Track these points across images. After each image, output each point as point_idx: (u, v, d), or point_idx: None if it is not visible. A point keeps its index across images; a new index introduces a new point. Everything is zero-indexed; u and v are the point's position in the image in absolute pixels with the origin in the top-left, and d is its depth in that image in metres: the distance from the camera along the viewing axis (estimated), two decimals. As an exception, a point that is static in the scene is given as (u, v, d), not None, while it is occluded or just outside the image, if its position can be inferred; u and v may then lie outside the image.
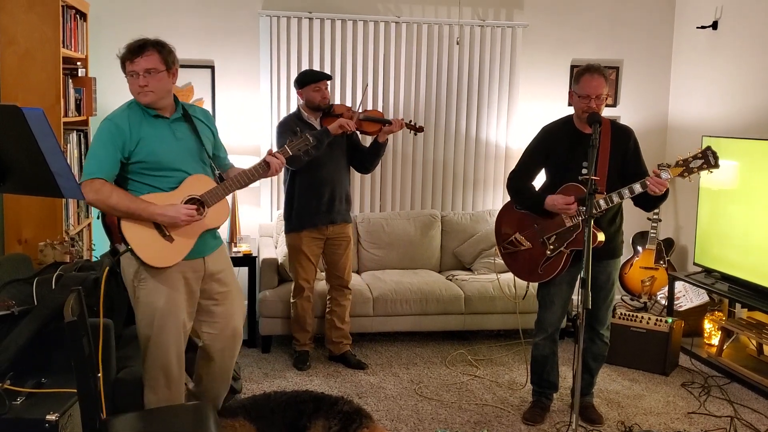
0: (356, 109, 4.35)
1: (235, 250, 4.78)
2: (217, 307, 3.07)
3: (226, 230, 5.02)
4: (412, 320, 4.74)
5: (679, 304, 4.92)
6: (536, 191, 3.57)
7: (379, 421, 3.55)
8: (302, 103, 4.30)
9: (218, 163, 3.15)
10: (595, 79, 3.33)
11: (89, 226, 4.65)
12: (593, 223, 3.19)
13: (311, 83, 4.19)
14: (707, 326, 4.81)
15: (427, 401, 3.94)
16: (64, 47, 3.92)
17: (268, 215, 5.28)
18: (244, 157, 4.81)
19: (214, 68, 5.13)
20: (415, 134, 4.40)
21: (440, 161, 5.49)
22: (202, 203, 2.89)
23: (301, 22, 5.13)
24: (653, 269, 5.34)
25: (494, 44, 5.42)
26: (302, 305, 4.38)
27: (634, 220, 5.06)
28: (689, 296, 4.95)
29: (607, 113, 3.50)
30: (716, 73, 5.23)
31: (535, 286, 3.73)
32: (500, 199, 5.58)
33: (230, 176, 3.04)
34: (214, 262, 3.04)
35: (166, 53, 2.85)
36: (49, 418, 2.50)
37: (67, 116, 4.01)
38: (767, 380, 4.11)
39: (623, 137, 3.48)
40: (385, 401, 3.93)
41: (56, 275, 3.12)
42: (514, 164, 3.77)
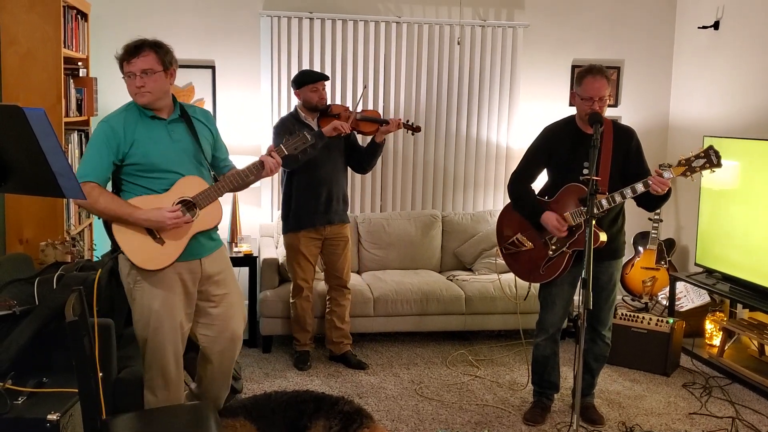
0: (354, 109, 4.35)
1: (235, 250, 4.78)
2: (214, 309, 3.06)
3: (226, 230, 5.02)
4: (412, 320, 4.73)
5: (680, 304, 4.92)
6: (536, 201, 3.55)
7: (379, 421, 3.55)
8: (299, 103, 4.29)
9: (219, 164, 3.13)
10: (597, 80, 3.32)
11: (90, 226, 4.65)
12: (595, 223, 3.19)
13: (308, 84, 4.19)
14: (708, 327, 4.81)
15: (427, 401, 3.94)
16: (65, 47, 3.93)
17: (268, 215, 5.28)
18: (244, 157, 4.80)
19: (214, 68, 5.14)
20: (412, 134, 4.40)
21: (441, 161, 5.50)
22: (194, 205, 2.87)
23: (301, 22, 5.13)
24: (654, 270, 5.34)
25: (495, 44, 5.42)
26: (301, 305, 4.38)
27: (635, 220, 5.06)
28: (690, 297, 4.95)
29: (608, 113, 3.50)
30: (717, 73, 5.23)
31: (536, 286, 3.73)
32: (501, 199, 5.58)
33: (224, 177, 3.00)
34: (211, 263, 3.03)
35: (163, 53, 2.84)
36: (50, 417, 2.50)
37: (68, 116, 4.02)
38: (768, 381, 4.11)
39: (625, 137, 3.48)
40: (385, 401, 3.93)
41: (57, 275, 3.12)
42: (514, 164, 3.76)
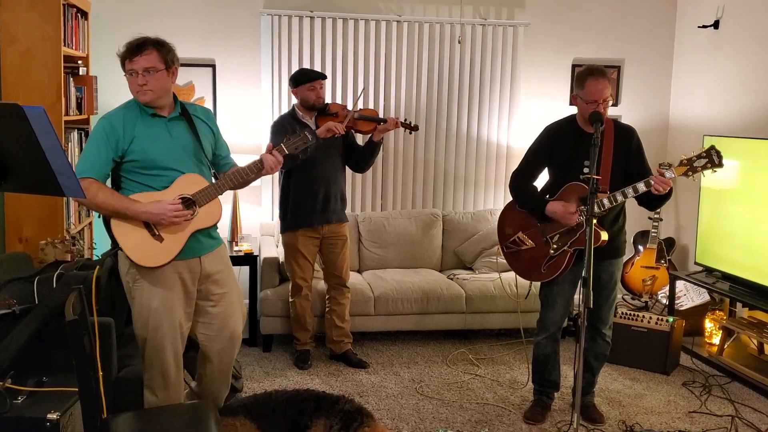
0: (352, 108, 4.35)
1: (236, 249, 4.78)
2: (213, 308, 3.06)
3: (227, 229, 5.02)
4: (413, 319, 4.73)
5: (680, 303, 4.92)
6: (538, 195, 3.56)
7: (380, 420, 3.55)
8: (297, 102, 4.29)
9: (220, 162, 3.14)
10: (600, 82, 3.31)
11: (90, 224, 4.65)
12: (597, 222, 3.19)
13: (306, 82, 4.18)
14: (708, 325, 4.81)
15: (428, 400, 3.94)
16: (65, 46, 3.92)
17: (269, 214, 5.28)
18: (244, 155, 4.80)
19: (215, 67, 5.13)
20: (410, 133, 4.39)
21: (441, 160, 5.49)
22: (193, 202, 2.88)
23: (302, 20, 5.13)
24: (654, 268, 5.34)
25: (495, 43, 5.42)
26: (301, 304, 4.38)
27: (635, 219, 5.05)
28: (690, 295, 4.95)
29: (608, 113, 3.49)
30: (718, 72, 5.22)
31: (536, 285, 3.73)
32: (501, 198, 5.58)
33: (225, 175, 3.00)
34: (210, 262, 3.03)
35: (165, 52, 2.85)
36: (50, 416, 2.50)
37: (68, 115, 4.02)
38: (768, 380, 4.12)
39: (626, 136, 3.48)
40: (386, 400, 3.93)
41: (57, 274, 3.11)
42: (515, 163, 3.76)
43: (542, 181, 3.67)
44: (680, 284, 4.94)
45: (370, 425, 3.09)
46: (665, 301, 5.03)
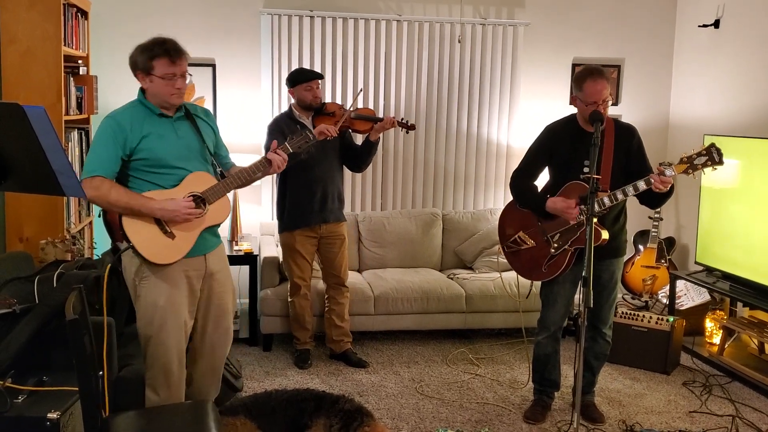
0: (348, 107, 4.34)
1: (236, 248, 4.78)
2: (212, 305, 3.09)
3: (227, 228, 5.01)
4: (413, 319, 4.73)
5: (680, 303, 4.91)
6: (538, 193, 3.56)
7: (380, 419, 3.55)
8: (294, 102, 4.29)
9: (219, 161, 3.15)
10: (598, 83, 3.31)
11: (90, 224, 4.65)
12: (597, 221, 3.18)
13: (303, 82, 4.17)
14: (708, 325, 4.81)
15: (428, 400, 3.94)
16: (65, 45, 3.92)
17: (269, 213, 5.28)
18: (244, 155, 4.80)
19: (215, 66, 5.13)
20: (407, 132, 4.38)
21: (441, 160, 5.49)
22: (203, 200, 2.90)
23: (302, 20, 5.12)
24: (654, 268, 5.34)
25: (495, 43, 5.42)
26: (300, 304, 4.38)
27: (635, 218, 5.06)
28: (690, 295, 4.95)
29: (609, 112, 3.49)
30: (718, 71, 5.22)
31: (537, 284, 3.73)
32: (501, 197, 5.58)
33: (231, 174, 3.04)
34: (214, 260, 3.06)
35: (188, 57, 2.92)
36: (50, 416, 2.50)
37: (68, 114, 4.01)
38: (769, 379, 4.11)
39: (626, 135, 3.48)
40: (386, 400, 3.93)
41: (57, 273, 3.12)
42: (515, 163, 3.76)
43: (543, 180, 3.67)
44: (680, 284, 4.94)
45: (370, 425, 3.09)
46: (665, 300, 5.03)
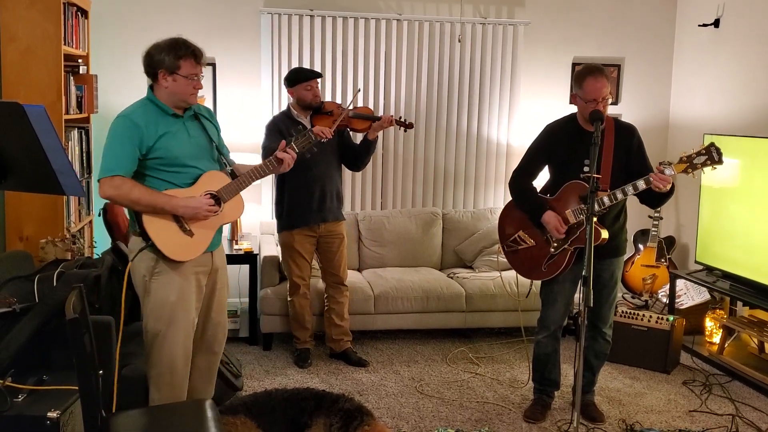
0: (346, 106, 4.34)
1: (236, 247, 4.78)
2: (212, 300, 3.13)
3: (227, 228, 5.01)
4: (413, 318, 4.73)
5: (680, 302, 4.91)
6: (537, 199, 3.55)
7: (380, 418, 3.55)
8: (293, 101, 4.28)
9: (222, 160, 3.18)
10: (598, 81, 3.32)
11: (90, 223, 4.65)
12: (597, 220, 3.18)
13: (302, 82, 4.17)
14: (708, 324, 4.81)
15: (428, 399, 3.94)
16: (65, 44, 3.92)
17: (269, 213, 5.28)
18: (245, 154, 4.81)
19: (215, 65, 5.13)
20: (405, 130, 4.38)
21: (441, 159, 5.49)
22: (218, 199, 2.96)
23: (302, 19, 5.12)
24: (654, 267, 5.34)
25: (495, 42, 5.42)
26: (299, 303, 4.38)
27: (635, 218, 5.05)
28: (690, 294, 4.95)
29: (609, 111, 3.49)
30: (718, 70, 5.22)
31: (537, 283, 3.73)
32: (501, 196, 5.58)
33: (242, 172, 3.09)
34: (218, 257, 3.13)
35: None
36: (50, 415, 2.50)
37: (68, 113, 4.01)
38: (768, 378, 4.12)
39: (626, 134, 3.48)
40: (386, 399, 3.93)
41: (57, 272, 3.12)
42: (515, 162, 3.76)
43: (543, 179, 3.67)
44: (680, 283, 4.94)
45: (370, 424, 3.09)
46: (665, 299, 5.03)
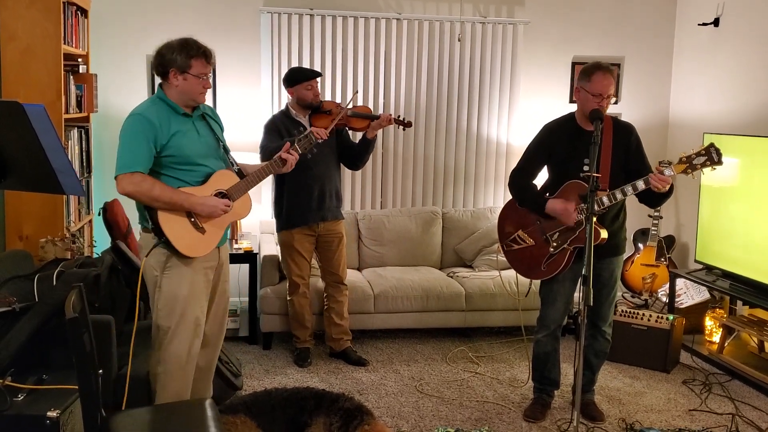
0: (345, 105, 4.34)
1: (236, 246, 4.78)
2: (216, 296, 3.17)
3: (227, 227, 5.01)
4: (413, 317, 4.74)
5: (680, 301, 4.91)
6: (538, 194, 3.56)
7: (380, 417, 3.55)
8: (292, 101, 4.27)
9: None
10: (607, 77, 3.34)
11: (90, 222, 4.65)
12: (597, 220, 3.18)
13: (303, 81, 4.17)
14: (708, 323, 4.81)
15: (428, 398, 3.94)
16: (65, 43, 3.92)
17: (268, 212, 5.28)
18: (245, 153, 4.80)
19: (215, 65, 5.11)
20: (403, 129, 4.38)
21: (441, 158, 5.49)
22: (227, 197, 3.01)
23: (302, 18, 5.12)
24: (654, 266, 5.34)
25: (495, 41, 5.42)
26: (299, 302, 4.38)
27: (635, 217, 5.05)
28: (690, 293, 4.95)
29: (609, 110, 3.50)
30: (718, 70, 5.22)
31: (536, 283, 3.73)
32: (501, 196, 5.58)
33: (249, 171, 3.14)
34: (224, 252, 3.19)
35: None
36: (50, 414, 2.50)
37: (68, 113, 4.01)
38: (768, 377, 4.12)
39: (624, 133, 3.48)
40: (386, 398, 3.93)
41: (57, 272, 3.12)
42: (514, 161, 3.76)
43: (542, 179, 3.67)
44: (680, 282, 4.94)
45: (369, 423, 3.09)
46: (665, 299, 5.03)
